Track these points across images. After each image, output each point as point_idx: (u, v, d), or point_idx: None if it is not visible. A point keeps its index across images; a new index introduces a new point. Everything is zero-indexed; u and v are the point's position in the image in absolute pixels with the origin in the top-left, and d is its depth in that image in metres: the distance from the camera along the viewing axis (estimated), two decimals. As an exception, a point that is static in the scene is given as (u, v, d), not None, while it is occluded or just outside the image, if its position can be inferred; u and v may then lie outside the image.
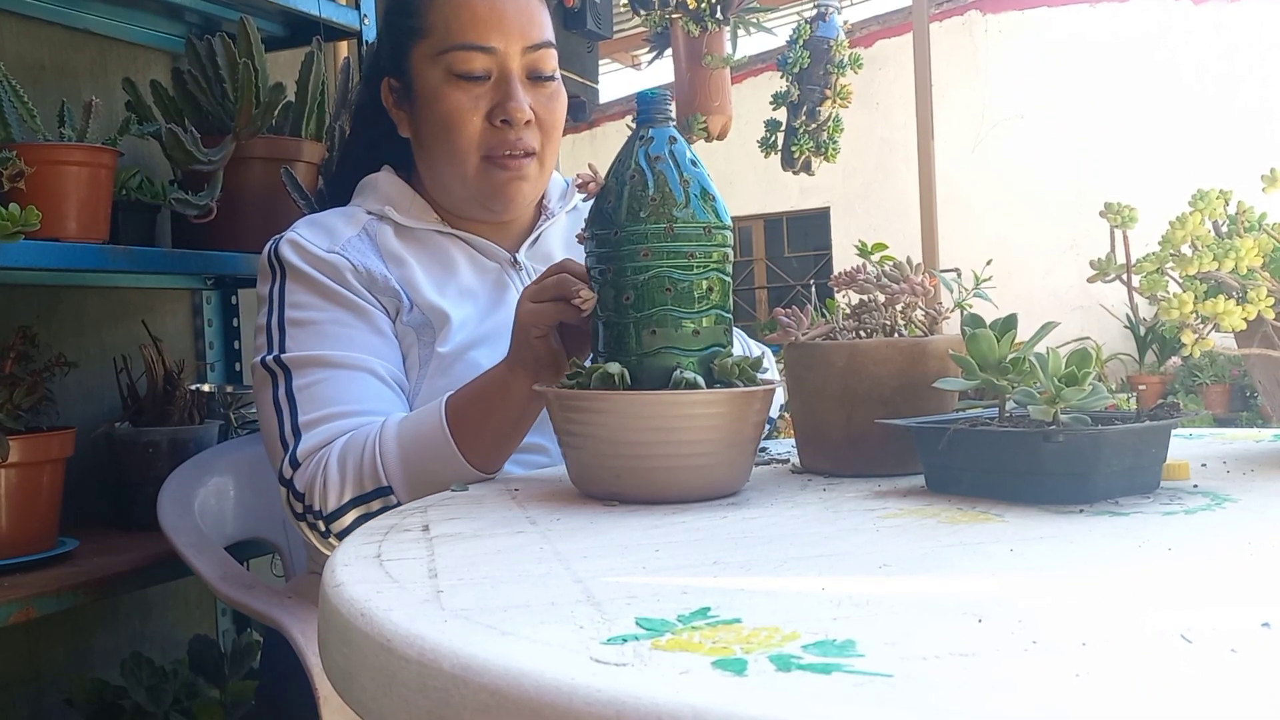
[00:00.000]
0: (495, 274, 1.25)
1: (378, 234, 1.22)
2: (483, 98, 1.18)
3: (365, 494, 1.05)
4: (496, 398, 1.03)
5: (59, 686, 1.72)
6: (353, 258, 1.18)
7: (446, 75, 1.18)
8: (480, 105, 1.18)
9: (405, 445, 1.04)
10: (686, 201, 0.86)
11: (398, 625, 0.53)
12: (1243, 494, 0.79)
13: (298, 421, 1.10)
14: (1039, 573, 0.60)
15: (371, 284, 1.17)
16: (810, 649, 0.46)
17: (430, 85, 1.19)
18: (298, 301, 1.15)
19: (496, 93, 1.18)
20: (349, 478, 1.05)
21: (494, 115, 1.18)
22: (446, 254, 1.24)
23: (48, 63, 1.79)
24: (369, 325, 1.15)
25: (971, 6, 7.74)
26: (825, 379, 0.94)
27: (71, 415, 1.68)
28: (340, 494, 1.05)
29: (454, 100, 1.18)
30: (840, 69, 1.70)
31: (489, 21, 1.18)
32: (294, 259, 1.17)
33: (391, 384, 1.14)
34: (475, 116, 1.18)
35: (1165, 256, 0.83)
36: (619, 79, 7.92)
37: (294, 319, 1.15)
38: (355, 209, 1.26)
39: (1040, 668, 0.43)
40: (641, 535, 0.72)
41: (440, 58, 1.18)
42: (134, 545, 1.53)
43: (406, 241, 1.23)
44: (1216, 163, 6.50)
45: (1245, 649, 0.44)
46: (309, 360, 1.12)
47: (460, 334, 1.17)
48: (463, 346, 1.16)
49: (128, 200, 1.62)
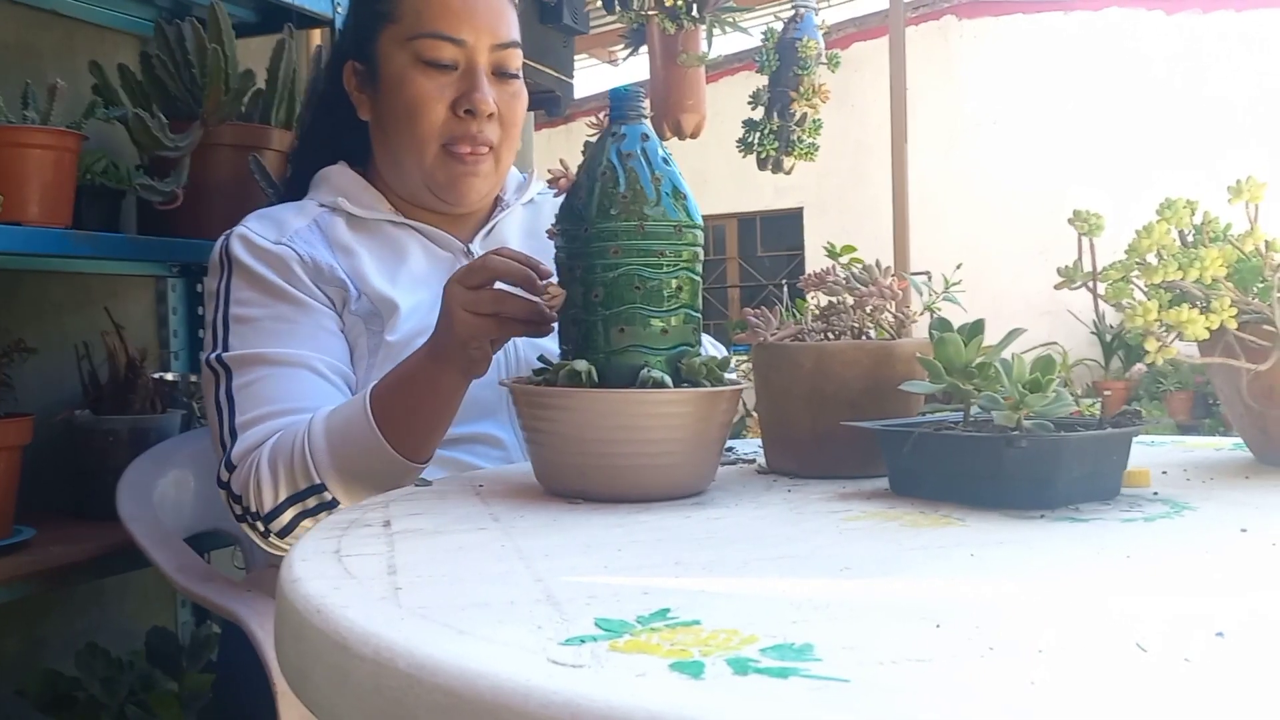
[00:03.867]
0: (448, 263, 1.25)
1: (328, 226, 1.23)
2: (448, 87, 1.19)
3: (299, 492, 1.05)
4: (424, 389, 1.03)
5: (11, 677, 1.69)
6: (299, 248, 1.18)
7: (414, 61, 1.19)
8: (445, 94, 1.19)
9: (334, 441, 1.04)
10: (658, 200, 0.86)
11: (353, 622, 0.52)
12: (1202, 502, 0.79)
13: (234, 423, 1.10)
14: (998, 578, 0.60)
15: (318, 275, 1.17)
16: (768, 652, 0.46)
17: (396, 70, 1.20)
18: (241, 298, 1.16)
19: (463, 83, 1.20)
20: (281, 477, 1.05)
21: (458, 105, 1.19)
22: (398, 243, 1.24)
23: (12, 42, 1.76)
24: (312, 320, 1.15)
25: (947, 11, 7.78)
26: (793, 380, 0.94)
27: (30, 402, 1.65)
28: (275, 494, 1.06)
29: (420, 86, 1.19)
30: (806, 69, 1.69)
31: (461, 14, 1.19)
32: (241, 254, 1.18)
33: (333, 379, 1.14)
34: (440, 105, 1.19)
35: (1131, 265, 0.84)
36: (594, 75, 7.90)
37: (237, 315, 1.15)
38: (308, 202, 1.26)
39: (996, 674, 0.43)
40: (605, 534, 0.72)
41: (409, 44, 1.19)
42: (92, 535, 1.51)
43: (358, 232, 1.23)
44: (1186, 171, 6.58)
45: (1199, 658, 0.44)
46: (248, 359, 1.12)
47: (409, 322, 1.17)
48: (411, 334, 1.16)
49: (92, 185, 1.59)
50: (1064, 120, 7.40)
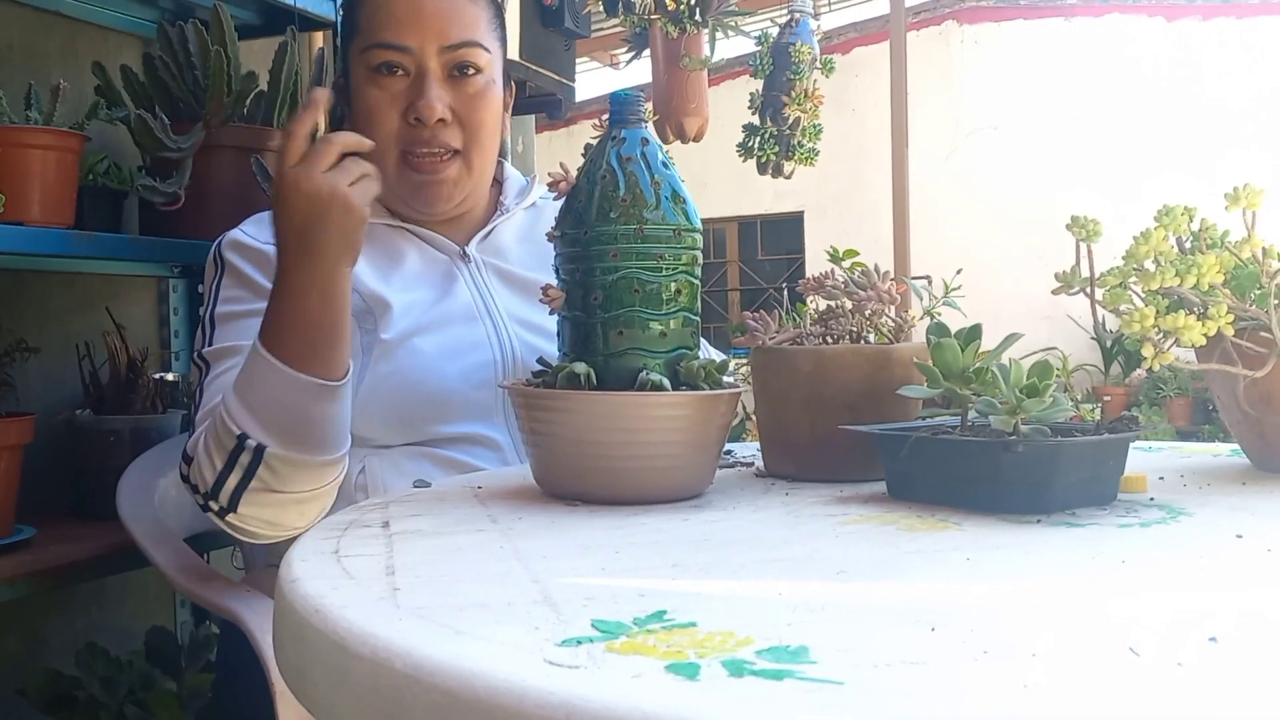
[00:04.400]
0: (444, 265, 1.26)
1: None
2: (400, 96, 1.19)
3: (229, 453, 1.03)
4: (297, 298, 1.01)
5: (12, 676, 1.70)
6: None
7: (368, 73, 1.20)
8: (396, 103, 1.19)
9: (240, 388, 1.03)
10: (657, 203, 0.86)
11: (352, 623, 0.52)
12: (1198, 508, 0.80)
13: (196, 416, 1.11)
14: (993, 582, 0.60)
15: None
16: (763, 654, 0.46)
17: (357, 82, 1.22)
18: (228, 296, 1.17)
19: (412, 91, 1.19)
20: (212, 447, 1.04)
21: (408, 113, 1.19)
22: (393, 245, 1.25)
23: (16, 44, 1.76)
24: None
25: (948, 17, 7.80)
26: (791, 384, 0.94)
27: (32, 401, 1.66)
28: (212, 465, 1.04)
29: (372, 97, 1.20)
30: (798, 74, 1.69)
31: (405, 20, 1.19)
32: (232, 256, 1.19)
33: None
34: (392, 113, 1.19)
35: (1129, 271, 0.84)
36: (597, 78, 7.91)
37: (221, 314, 1.16)
38: None
39: (990, 677, 0.44)
40: (603, 536, 0.72)
41: (363, 55, 1.20)
42: (92, 534, 1.51)
43: None
44: (1184, 177, 6.58)
45: (1192, 664, 0.45)
46: (223, 352, 1.13)
47: (403, 320, 1.17)
48: (405, 333, 1.17)
49: (94, 186, 1.60)
50: (1064, 126, 7.41)
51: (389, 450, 1.17)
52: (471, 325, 1.22)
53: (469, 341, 1.20)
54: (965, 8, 7.73)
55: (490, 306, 1.25)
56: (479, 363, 1.19)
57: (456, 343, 1.20)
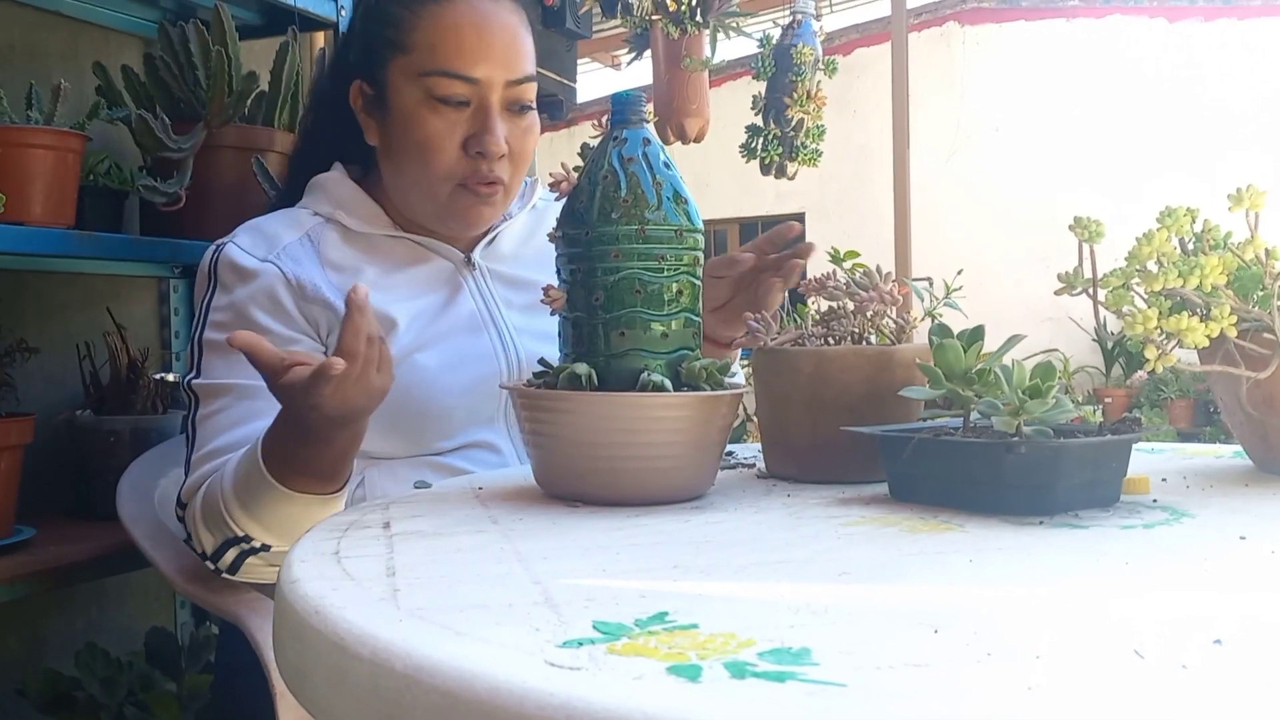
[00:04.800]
0: (448, 274, 1.24)
1: (320, 239, 1.20)
2: (459, 125, 1.16)
3: (232, 539, 1.06)
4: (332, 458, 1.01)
5: (11, 676, 1.70)
6: (285, 267, 1.16)
7: (426, 98, 1.16)
8: (456, 133, 1.16)
9: (242, 496, 1.03)
10: (659, 204, 0.86)
11: (351, 624, 0.52)
12: (1201, 510, 0.79)
13: (192, 456, 1.11)
14: (996, 584, 0.60)
15: (301, 295, 1.15)
16: (765, 656, 0.46)
17: (408, 104, 1.17)
18: (217, 321, 1.15)
19: (474, 123, 1.16)
20: (212, 525, 1.07)
21: (469, 146, 1.16)
22: (396, 254, 1.23)
23: (17, 43, 1.76)
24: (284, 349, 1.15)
25: (949, 17, 7.79)
26: (792, 385, 0.94)
27: (32, 402, 1.65)
28: (212, 538, 1.07)
29: (432, 125, 1.16)
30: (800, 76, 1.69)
31: (475, 51, 1.16)
32: (224, 273, 1.16)
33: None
34: (451, 144, 1.16)
35: (1131, 272, 0.84)
36: (598, 78, 7.91)
37: (209, 341, 1.14)
38: (302, 211, 1.24)
39: (993, 679, 0.43)
40: (604, 537, 0.72)
41: (421, 79, 1.16)
42: (92, 535, 1.51)
43: (354, 245, 1.22)
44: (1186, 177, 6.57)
45: (1197, 665, 0.44)
46: (214, 390, 1.12)
47: (406, 336, 1.16)
48: (407, 349, 1.15)
49: (95, 186, 1.59)
50: (1065, 127, 7.40)
51: (389, 461, 1.17)
52: (476, 336, 1.21)
53: (474, 353, 1.19)
54: (967, 9, 7.72)
55: (495, 316, 1.23)
56: (484, 374, 1.18)
57: (461, 354, 1.18)
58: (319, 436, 0.97)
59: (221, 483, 1.05)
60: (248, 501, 1.03)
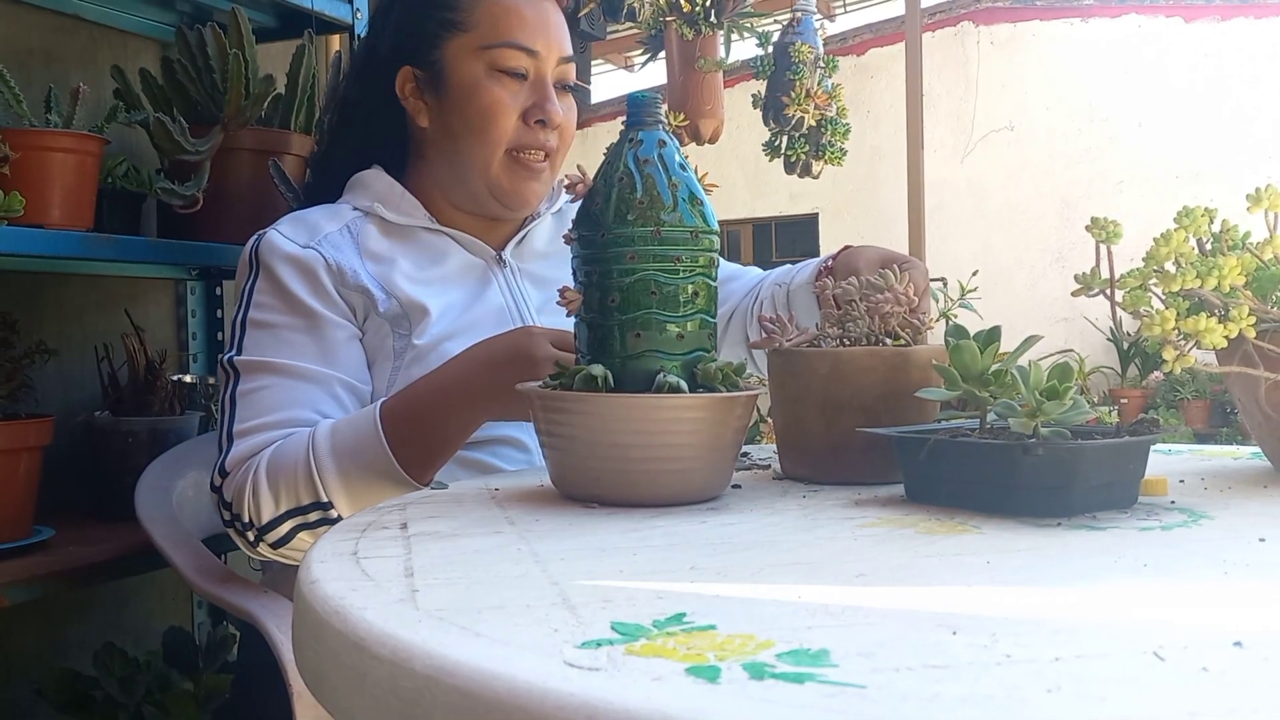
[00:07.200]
0: (480, 270, 1.28)
1: (360, 231, 1.24)
2: (519, 95, 1.23)
3: (300, 507, 1.06)
4: (441, 420, 1.05)
5: (30, 676, 1.71)
6: (326, 253, 1.19)
7: (488, 70, 1.23)
8: (517, 103, 1.23)
9: (341, 458, 1.05)
10: (674, 205, 0.86)
11: (371, 624, 0.52)
12: (1219, 511, 0.79)
13: (232, 429, 1.12)
14: (1014, 586, 0.60)
15: (341, 281, 1.18)
16: (784, 658, 0.46)
17: (469, 78, 1.23)
18: (261, 303, 1.17)
19: (533, 94, 1.24)
20: (282, 490, 1.06)
21: (529, 115, 1.23)
22: (432, 247, 1.26)
23: (36, 47, 1.77)
24: (327, 333, 1.16)
25: (964, 17, 7.77)
26: (807, 386, 0.94)
27: (51, 403, 1.67)
28: (275, 506, 1.07)
29: (494, 94, 1.22)
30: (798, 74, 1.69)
31: (535, 27, 1.24)
32: (268, 258, 1.19)
33: (340, 394, 1.15)
34: (512, 113, 1.23)
35: (1149, 272, 0.84)
36: (612, 80, 7.91)
37: (254, 320, 1.16)
38: (342, 205, 1.28)
39: (1013, 681, 0.43)
40: (620, 538, 0.72)
41: (484, 52, 1.23)
42: (110, 535, 1.52)
43: (392, 237, 1.25)
44: (1203, 178, 6.54)
45: (1217, 667, 0.44)
46: (256, 365, 1.14)
47: (438, 326, 1.18)
48: (438, 338, 1.18)
49: (113, 188, 1.61)
50: (1080, 126, 7.37)
51: None
52: (504, 330, 1.23)
53: None
54: (981, 9, 7.70)
55: (524, 311, 1.27)
56: None
57: None
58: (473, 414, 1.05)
59: (312, 447, 1.06)
60: (347, 465, 1.05)
